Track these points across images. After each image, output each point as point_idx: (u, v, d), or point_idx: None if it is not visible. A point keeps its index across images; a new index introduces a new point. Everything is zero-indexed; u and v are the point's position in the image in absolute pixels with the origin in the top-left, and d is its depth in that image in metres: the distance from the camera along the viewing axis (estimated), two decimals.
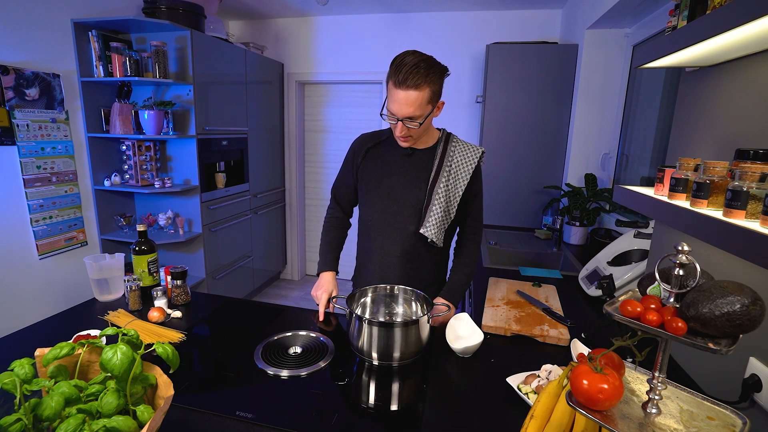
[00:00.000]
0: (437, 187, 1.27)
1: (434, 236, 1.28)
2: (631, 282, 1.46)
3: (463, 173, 1.29)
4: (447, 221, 1.31)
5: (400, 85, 1.11)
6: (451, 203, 1.30)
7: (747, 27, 0.68)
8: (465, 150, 1.31)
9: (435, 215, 1.27)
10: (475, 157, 1.31)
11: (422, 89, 1.11)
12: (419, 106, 1.13)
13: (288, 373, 1.01)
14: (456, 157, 1.30)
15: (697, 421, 0.62)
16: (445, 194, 1.28)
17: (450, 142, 1.32)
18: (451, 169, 1.29)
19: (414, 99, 1.12)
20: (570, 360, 1.07)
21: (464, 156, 1.30)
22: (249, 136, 3.29)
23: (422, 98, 1.13)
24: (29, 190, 2.19)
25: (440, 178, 1.28)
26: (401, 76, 1.10)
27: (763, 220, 0.68)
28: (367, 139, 1.39)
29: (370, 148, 1.37)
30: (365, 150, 1.37)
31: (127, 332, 0.72)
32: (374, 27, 3.46)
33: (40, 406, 0.61)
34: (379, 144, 1.36)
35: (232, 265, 3.17)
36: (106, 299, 1.40)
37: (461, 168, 1.29)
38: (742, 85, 0.97)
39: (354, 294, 1.20)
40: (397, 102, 1.13)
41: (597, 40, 2.54)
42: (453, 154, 1.30)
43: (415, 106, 1.13)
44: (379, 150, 1.36)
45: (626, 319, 0.62)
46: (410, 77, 1.09)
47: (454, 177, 1.29)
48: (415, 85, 1.10)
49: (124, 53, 2.41)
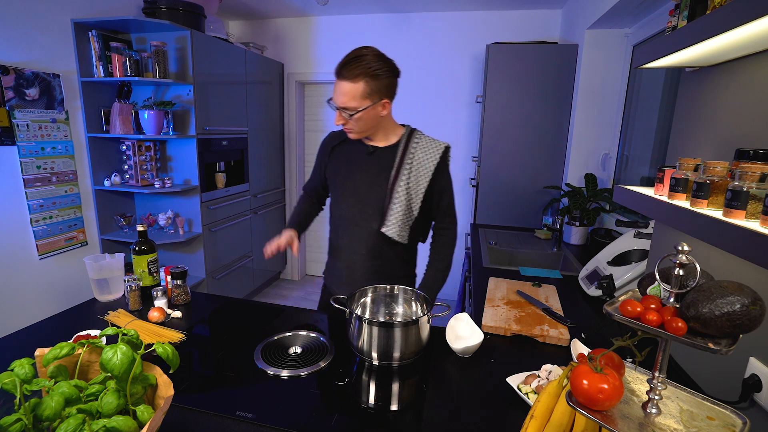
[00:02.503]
0: (397, 186, 1.27)
1: (396, 235, 1.29)
2: (631, 282, 1.46)
3: (425, 170, 1.28)
4: (410, 218, 1.31)
5: (336, 74, 1.16)
6: (413, 200, 1.29)
7: (747, 27, 0.68)
8: (427, 146, 1.30)
9: (396, 214, 1.28)
10: (437, 153, 1.29)
11: (357, 82, 1.14)
12: (353, 98, 1.15)
13: (288, 373, 1.01)
14: (418, 154, 1.29)
15: (697, 421, 0.62)
16: (405, 192, 1.27)
17: (412, 138, 1.31)
18: (412, 166, 1.28)
19: (347, 90, 1.14)
20: (570, 360, 1.07)
21: (426, 152, 1.29)
22: (249, 136, 3.29)
23: (356, 90, 1.14)
24: (29, 190, 2.19)
25: (401, 175, 1.27)
26: (339, 66, 1.15)
27: (763, 220, 0.68)
28: (334, 136, 1.41)
29: (336, 146, 1.38)
30: (331, 148, 1.39)
31: (127, 332, 0.72)
32: (374, 27, 3.46)
33: (40, 406, 0.61)
34: (344, 141, 1.38)
35: (232, 265, 3.17)
36: (106, 299, 1.40)
37: (423, 165, 1.28)
38: (742, 85, 0.97)
39: (354, 294, 1.20)
40: (336, 91, 1.18)
41: (597, 40, 2.54)
42: (414, 150, 1.29)
43: (348, 97, 1.15)
44: (344, 148, 1.37)
45: (626, 319, 0.62)
46: (345, 68, 1.14)
47: (415, 174, 1.28)
48: (349, 77, 1.13)
49: (124, 53, 2.41)
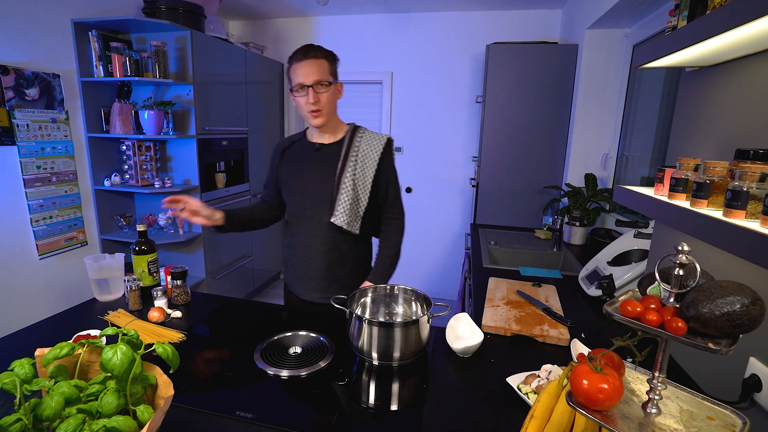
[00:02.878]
0: (344, 177, 1.33)
1: (345, 224, 1.33)
2: (631, 282, 1.46)
3: (371, 161, 1.35)
4: (359, 208, 1.35)
5: (304, 56, 1.26)
6: (360, 190, 1.34)
7: (747, 27, 0.68)
8: (371, 139, 1.38)
9: (343, 204, 1.32)
10: (380, 145, 1.37)
11: (320, 59, 1.27)
12: (324, 72, 1.28)
13: (288, 373, 1.01)
14: (362, 147, 1.36)
15: (697, 421, 0.62)
16: (352, 182, 1.33)
17: (356, 133, 1.39)
18: (357, 158, 1.34)
19: (318, 67, 1.27)
20: (570, 360, 1.07)
21: (370, 145, 1.36)
22: (249, 136, 3.29)
23: (324, 66, 1.28)
24: (29, 190, 2.19)
25: (347, 167, 1.33)
26: (301, 53, 1.27)
27: (763, 220, 0.68)
28: (283, 142, 1.48)
29: (285, 149, 1.45)
30: (281, 152, 1.46)
31: (127, 332, 0.72)
32: (374, 27, 3.46)
33: (40, 406, 0.61)
34: (293, 144, 1.45)
35: (232, 265, 3.17)
36: (106, 299, 1.40)
37: (368, 156, 1.35)
38: (742, 85, 0.97)
39: (354, 294, 1.20)
40: (303, 72, 1.26)
41: (597, 40, 2.54)
42: (359, 143, 1.36)
43: (320, 72, 1.27)
44: (293, 150, 1.44)
45: (626, 319, 0.62)
46: (311, 51, 1.27)
47: (361, 165, 1.34)
48: (315, 56, 1.27)
49: (124, 53, 2.41)
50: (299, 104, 1.31)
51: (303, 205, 1.39)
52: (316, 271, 1.40)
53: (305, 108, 1.30)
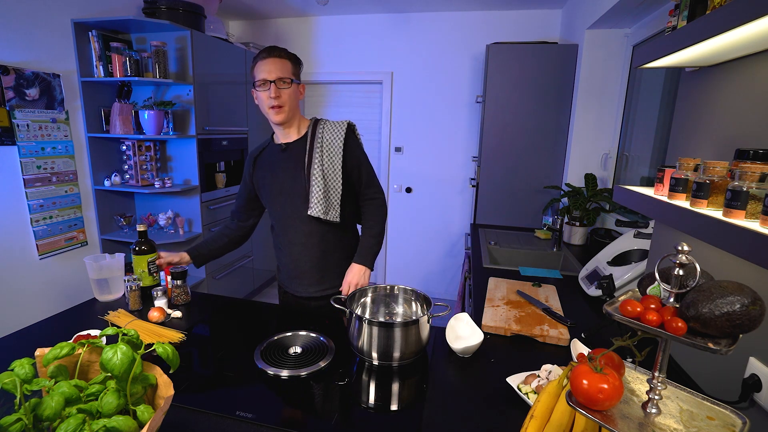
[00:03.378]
0: (313, 169, 1.35)
1: (322, 214, 1.34)
2: (631, 282, 1.46)
3: (335, 148, 1.36)
4: (333, 195, 1.36)
5: (269, 54, 1.29)
6: (330, 179, 1.35)
7: (747, 27, 0.68)
8: (332, 127, 1.39)
9: (316, 195, 1.34)
10: (341, 131, 1.38)
11: (283, 59, 1.31)
12: (286, 70, 1.31)
13: (288, 373, 1.01)
14: (326, 137, 1.37)
15: (697, 421, 0.62)
16: (321, 172, 1.34)
17: (318, 125, 1.41)
18: (323, 148, 1.36)
19: (281, 65, 1.30)
20: (570, 360, 1.07)
21: (332, 133, 1.38)
22: (249, 136, 3.29)
23: (287, 66, 1.31)
24: (29, 190, 2.19)
25: (314, 159, 1.35)
26: (266, 51, 1.30)
27: (763, 220, 0.68)
28: (254, 151, 1.50)
29: (257, 156, 1.47)
30: (253, 160, 1.48)
31: (127, 332, 0.72)
32: (374, 27, 3.46)
33: (40, 406, 0.61)
34: (262, 151, 1.47)
35: (232, 265, 3.17)
36: (106, 299, 1.40)
37: (332, 144, 1.37)
38: (742, 85, 0.97)
39: (354, 294, 1.20)
40: (266, 69, 1.29)
41: (597, 40, 2.54)
42: (322, 134, 1.38)
43: (282, 69, 1.30)
44: (263, 156, 1.47)
45: (626, 319, 0.62)
46: (275, 50, 1.31)
47: (328, 154, 1.36)
48: (280, 56, 1.30)
49: (124, 53, 2.41)
50: (261, 100, 1.33)
51: (282, 205, 1.41)
52: (306, 266, 1.42)
53: (266, 103, 1.31)
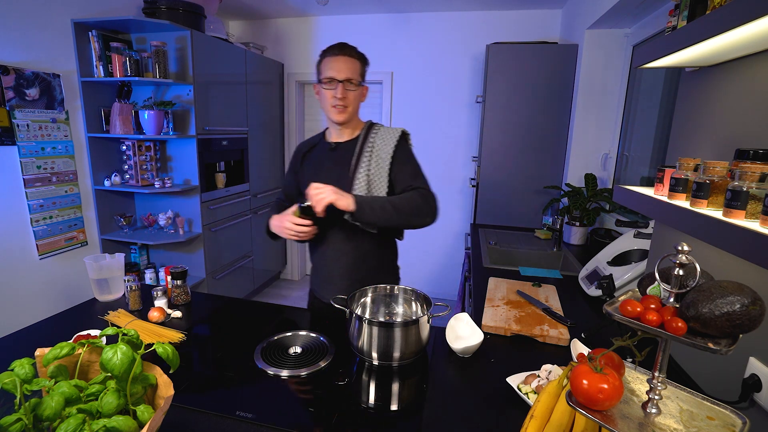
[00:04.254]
0: (358, 173, 1.30)
1: None
2: (631, 282, 1.46)
3: (385, 155, 1.31)
4: None
5: (340, 52, 1.27)
6: (375, 185, 1.30)
7: (747, 27, 0.68)
8: (386, 133, 1.35)
9: None
10: (394, 137, 1.33)
11: (354, 60, 1.29)
12: (355, 72, 1.28)
13: (288, 373, 1.01)
14: (377, 142, 1.33)
15: (697, 421, 0.62)
16: (366, 179, 1.29)
17: (371, 129, 1.37)
18: (372, 153, 1.32)
19: (351, 64, 1.27)
20: (570, 360, 1.07)
21: (384, 139, 1.33)
22: (249, 136, 3.29)
23: (357, 66, 1.29)
24: (29, 190, 2.19)
25: (361, 163, 1.31)
26: (338, 48, 1.28)
27: (763, 220, 0.68)
28: (303, 145, 1.47)
29: (306, 152, 1.44)
30: (302, 155, 1.44)
31: (127, 332, 0.72)
32: (374, 27, 3.46)
33: (40, 406, 0.61)
34: (312, 148, 1.44)
35: (232, 265, 3.17)
36: (106, 299, 1.40)
37: (382, 150, 1.32)
38: (742, 85, 0.97)
39: (354, 294, 1.20)
40: (336, 67, 1.26)
41: (597, 40, 2.54)
42: (374, 139, 1.34)
43: (353, 70, 1.27)
44: (312, 153, 1.43)
45: (626, 319, 0.62)
46: (347, 48, 1.28)
47: (376, 160, 1.31)
48: (352, 55, 1.28)
49: (124, 53, 2.41)
50: (324, 97, 1.30)
51: None
52: (337, 273, 1.37)
53: (330, 101, 1.28)
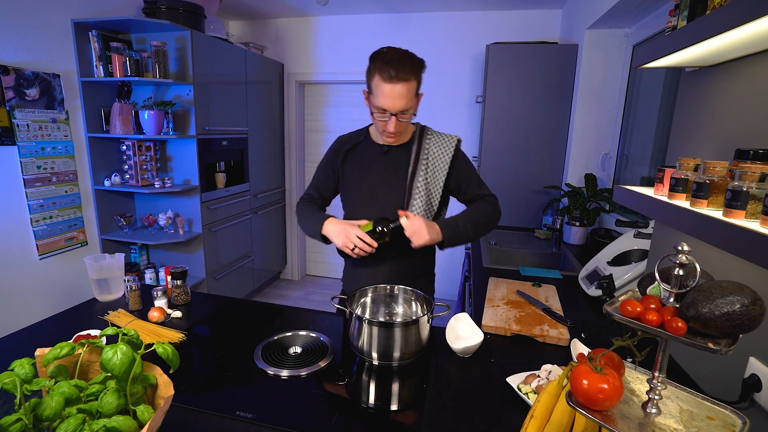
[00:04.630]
0: (416, 182, 1.28)
1: None
2: (631, 282, 1.46)
3: (441, 164, 1.29)
4: (430, 213, 1.31)
5: (392, 79, 1.12)
6: (432, 195, 1.30)
7: (747, 27, 0.68)
8: (440, 141, 1.31)
9: (417, 209, 1.28)
10: (451, 147, 1.31)
11: (411, 81, 1.14)
12: (410, 99, 1.16)
13: (288, 373, 1.01)
14: (432, 150, 1.30)
15: (697, 421, 0.62)
16: (425, 187, 1.28)
17: (425, 135, 1.33)
18: (428, 162, 1.29)
19: (406, 91, 1.14)
20: (570, 360, 1.07)
21: (440, 147, 1.30)
22: (249, 136, 3.29)
23: (412, 89, 1.16)
24: (29, 190, 2.19)
25: (418, 172, 1.28)
26: (393, 70, 1.12)
27: (763, 220, 0.68)
28: (345, 141, 1.39)
29: (349, 150, 1.37)
30: (344, 152, 1.37)
31: (127, 332, 0.72)
32: (374, 27, 3.46)
33: (40, 406, 0.61)
34: (357, 145, 1.37)
35: (232, 265, 3.17)
36: (106, 299, 1.40)
37: (438, 159, 1.30)
38: (742, 85, 0.97)
39: (354, 294, 1.20)
40: (390, 96, 1.14)
41: (597, 40, 2.54)
42: (429, 146, 1.30)
43: (407, 99, 1.15)
44: (357, 151, 1.37)
45: (626, 319, 0.62)
46: (403, 70, 1.12)
47: (432, 169, 1.29)
48: (405, 78, 1.13)
49: (124, 53, 2.41)
50: (375, 121, 1.23)
51: (369, 209, 1.31)
52: (379, 277, 1.33)
53: (380, 127, 1.22)
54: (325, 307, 3.25)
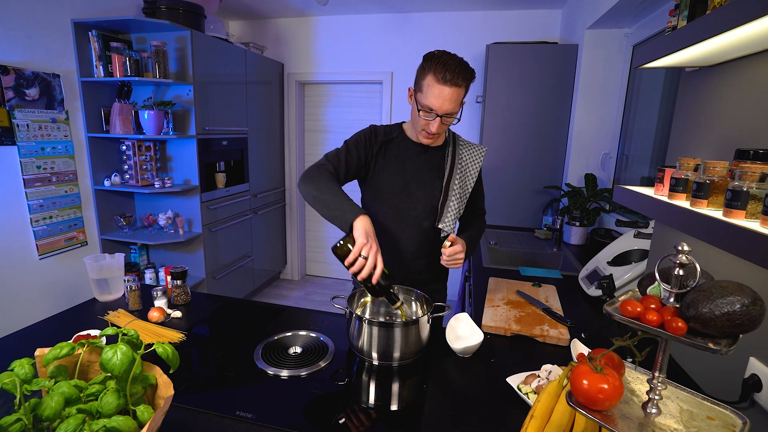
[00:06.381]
0: (452, 184, 1.33)
1: (449, 228, 1.33)
2: (631, 282, 1.46)
3: (472, 171, 1.38)
4: (458, 216, 1.37)
5: (447, 81, 1.15)
6: (463, 199, 1.36)
7: (747, 27, 0.68)
8: (471, 150, 1.40)
9: (452, 211, 1.33)
10: (480, 157, 1.40)
11: (461, 88, 1.18)
12: (457, 103, 1.20)
13: (288, 373, 1.01)
14: (465, 156, 1.38)
15: (697, 421, 0.62)
16: (460, 190, 1.34)
17: (457, 141, 1.39)
18: (462, 167, 1.36)
19: (457, 96, 1.18)
20: (570, 360, 1.07)
21: (472, 155, 1.39)
22: (249, 136, 3.29)
23: (460, 95, 1.19)
24: (29, 190, 2.19)
25: (454, 175, 1.34)
26: (449, 73, 1.14)
27: (763, 220, 0.68)
28: (380, 132, 1.36)
29: (386, 142, 1.35)
30: (381, 143, 1.33)
31: (127, 332, 0.72)
32: (374, 27, 3.46)
33: (40, 406, 0.61)
34: (392, 139, 1.35)
35: (232, 265, 3.17)
36: (106, 299, 1.40)
37: (470, 166, 1.38)
38: (742, 85, 0.97)
39: (354, 294, 1.20)
40: (441, 98, 1.16)
41: (597, 40, 2.54)
42: (462, 153, 1.38)
43: (456, 103, 1.19)
44: (392, 145, 1.35)
45: (626, 319, 0.62)
46: (459, 75, 1.15)
47: (463, 174, 1.36)
48: (459, 83, 1.16)
49: (124, 53, 2.41)
50: (416, 119, 1.23)
51: (401, 206, 1.32)
52: (395, 269, 1.31)
53: (422, 126, 1.22)
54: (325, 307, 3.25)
